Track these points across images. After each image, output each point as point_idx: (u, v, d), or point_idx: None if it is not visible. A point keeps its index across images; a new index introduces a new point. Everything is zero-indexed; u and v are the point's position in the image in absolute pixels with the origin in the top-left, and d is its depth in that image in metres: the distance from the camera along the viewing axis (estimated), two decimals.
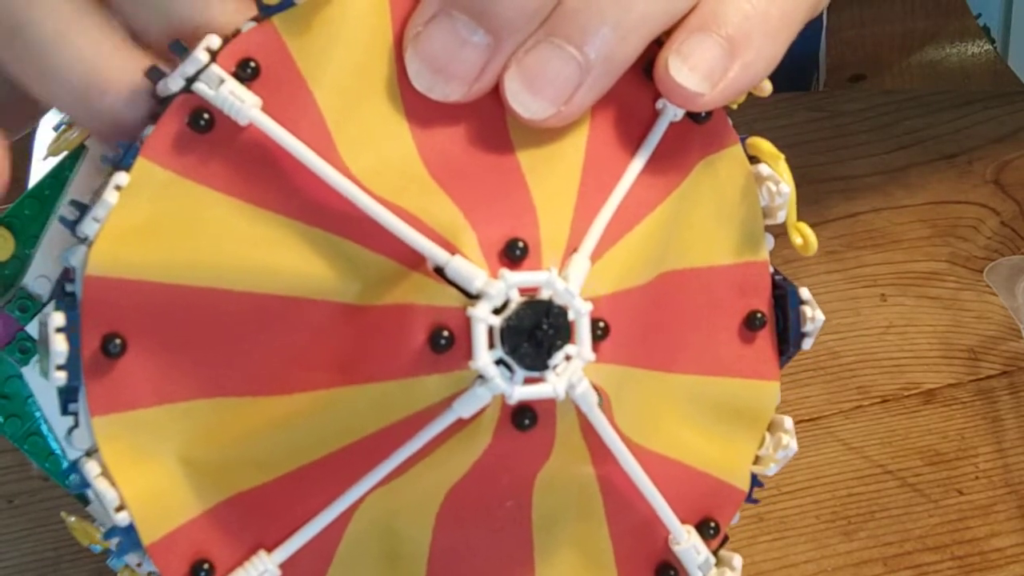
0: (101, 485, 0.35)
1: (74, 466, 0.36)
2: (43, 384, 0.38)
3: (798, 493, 0.59)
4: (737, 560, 0.40)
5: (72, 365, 0.35)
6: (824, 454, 0.61)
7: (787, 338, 0.40)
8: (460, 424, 0.34)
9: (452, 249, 0.34)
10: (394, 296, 0.34)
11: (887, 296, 0.68)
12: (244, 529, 0.36)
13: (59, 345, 0.34)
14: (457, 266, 0.33)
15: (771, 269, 0.41)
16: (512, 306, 0.33)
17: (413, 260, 0.34)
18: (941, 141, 0.77)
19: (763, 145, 0.40)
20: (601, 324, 0.35)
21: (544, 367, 0.33)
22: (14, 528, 0.56)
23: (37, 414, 0.38)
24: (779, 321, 0.41)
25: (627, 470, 0.37)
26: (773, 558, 0.57)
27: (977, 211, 0.73)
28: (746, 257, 0.40)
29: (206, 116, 0.34)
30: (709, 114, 0.38)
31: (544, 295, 0.34)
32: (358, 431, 0.35)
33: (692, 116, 0.38)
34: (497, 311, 0.33)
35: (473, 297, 0.33)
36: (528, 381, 0.33)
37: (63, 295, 0.35)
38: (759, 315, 0.40)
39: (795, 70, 0.88)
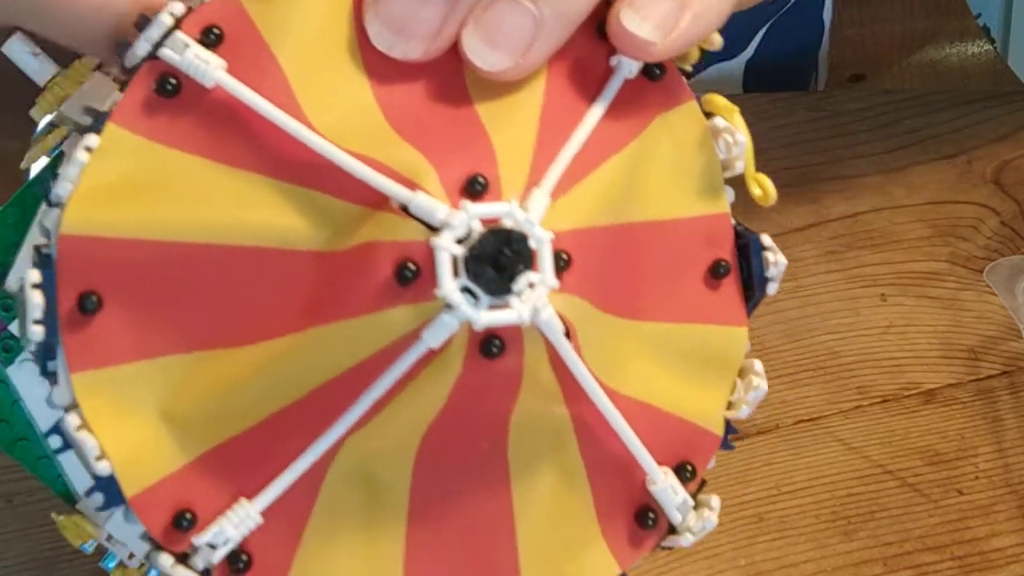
0: (81, 435, 0.38)
1: (55, 428, 0.39)
2: (29, 384, 0.41)
3: (798, 493, 0.62)
4: (715, 501, 0.43)
5: (49, 322, 0.37)
6: (824, 454, 0.63)
7: (752, 285, 0.43)
8: (430, 355, 0.37)
9: (415, 187, 0.37)
10: (360, 236, 0.37)
11: (887, 296, 0.71)
12: (225, 478, 0.39)
13: (35, 299, 0.37)
14: (420, 202, 0.36)
15: (732, 221, 0.43)
16: (474, 235, 0.36)
17: (379, 203, 0.37)
18: (941, 141, 0.79)
19: (717, 100, 0.43)
20: (564, 255, 0.37)
21: (508, 291, 0.36)
22: (12, 527, 0.58)
23: (25, 419, 0.41)
24: (743, 270, 0.43)
25: (599, 407, 0.39)
26: (773, 558, 0.59)
27: (977, 211, 0.76)
28: (707, 209, 0.43)
29: (172, 81, 0.38)
30: (664, 71, 0.42)
31: (506, 224, 0.37)
32: (330, 370, 0.37)
33: (647, 73, 0.42)
34: (460, 242, 0.36)
35: (436, 230, 0.36)
36: (493, 308, 0.36)
37: (40, 257, 0.38)
38: (723, 263, 0.43)
39: (795, 70, 0.90)
